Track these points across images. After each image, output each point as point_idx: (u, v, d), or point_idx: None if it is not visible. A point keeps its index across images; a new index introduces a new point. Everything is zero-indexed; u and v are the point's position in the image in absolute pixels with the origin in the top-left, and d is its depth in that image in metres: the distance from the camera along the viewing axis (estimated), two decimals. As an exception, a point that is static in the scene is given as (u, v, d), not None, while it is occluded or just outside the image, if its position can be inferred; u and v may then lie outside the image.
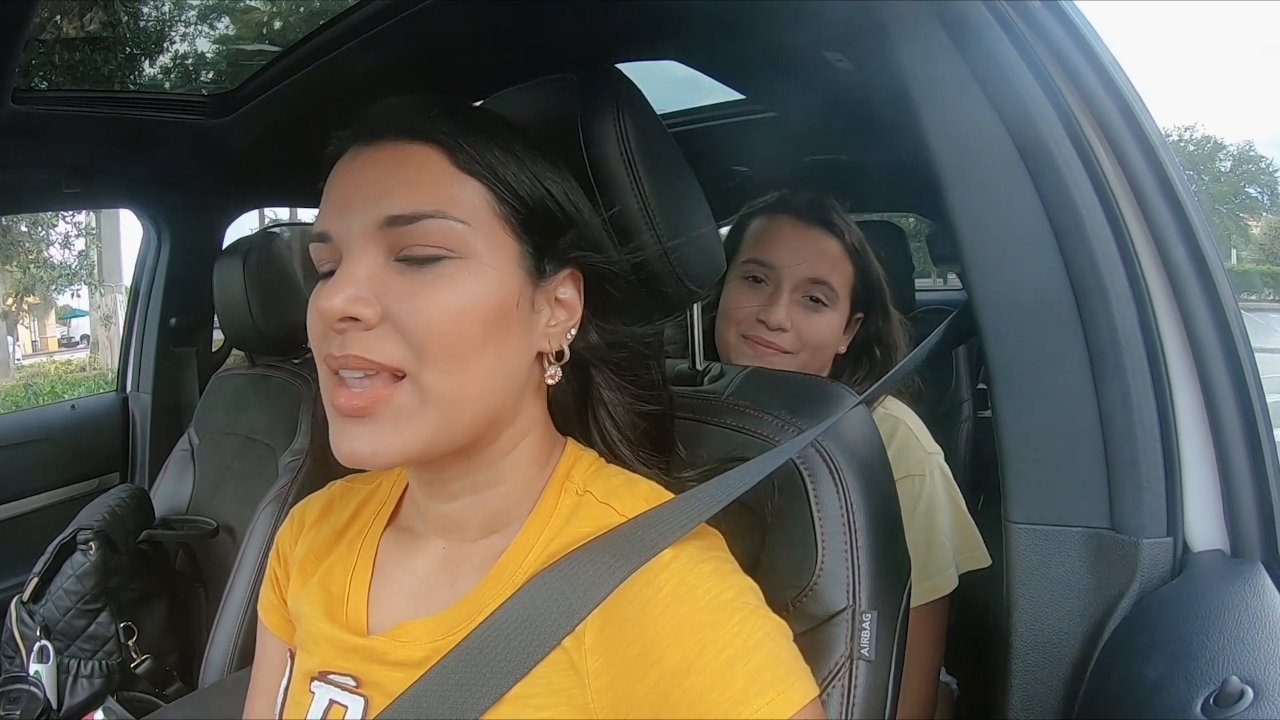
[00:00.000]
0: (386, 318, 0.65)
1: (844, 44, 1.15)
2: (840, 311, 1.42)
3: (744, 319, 1.41)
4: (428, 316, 0.65)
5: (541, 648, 0.65)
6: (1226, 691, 0.54)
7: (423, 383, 0.66)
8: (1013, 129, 0.74)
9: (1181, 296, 0.72)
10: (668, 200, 0.83)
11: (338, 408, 0.67)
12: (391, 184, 0.67)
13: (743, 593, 0.65)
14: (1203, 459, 0.72)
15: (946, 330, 0.90)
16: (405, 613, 0.75)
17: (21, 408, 7.74)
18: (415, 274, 0.66)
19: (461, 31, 1.25)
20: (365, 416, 0.66)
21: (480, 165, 0.69)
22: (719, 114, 2.05)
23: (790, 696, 0.60)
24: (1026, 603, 0.74)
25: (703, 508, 0.69)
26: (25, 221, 11.94)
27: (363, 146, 0.70)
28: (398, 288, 0.66)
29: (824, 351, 1.43)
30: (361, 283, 0.65)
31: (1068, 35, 0.73)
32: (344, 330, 0.65)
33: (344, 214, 0.68)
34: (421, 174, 0.68)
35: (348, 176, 0.70)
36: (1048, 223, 0.73)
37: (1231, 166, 22.27)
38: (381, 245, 0.67)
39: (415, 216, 0.66)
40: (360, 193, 0.68)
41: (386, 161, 0.69)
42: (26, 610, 1.68)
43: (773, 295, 1.39)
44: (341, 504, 0.88)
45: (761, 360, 1.38)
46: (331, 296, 0.64)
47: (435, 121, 0.70)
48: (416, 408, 0.66)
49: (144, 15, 2.84)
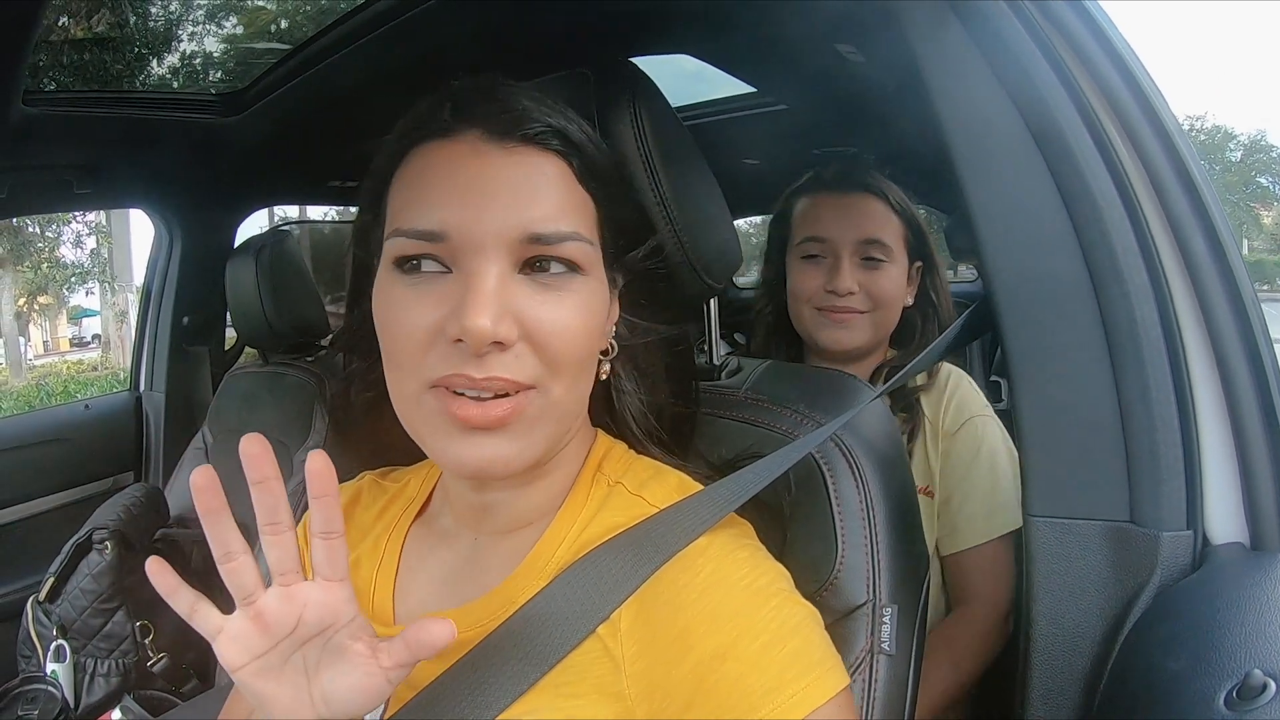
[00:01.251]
0: (522, 335, 0.65)
1: (855, 35, 1.15)
2: (899, 264, 1.49)
3: (813, 294, 1.49)
4: (564, 335, 0.66)
5: (572, 638, 0.65)
6: (1249, 684, 0.54)
7: (551, 395, 0.67)
8: (1029, 119, 0.73)
9: (1201, 288, 0.72)
10: (684, 194, 0.83)
11: (463, 419, 0.65)
12: (531, 195, 0.66)
13: (777, 579, 0.66)
14: (1222, 451, 0.72)
15: (964, 323, 0.90)
16: (430, 604, 0.76)
17: (34, 408, 7.78)
18: (546, 290, 0.66)
19: (474, 27, 1.25)
20: (499, 429, 0.65)
21: (595, 182, 0.70)
22: (730, 107, 2.05)
23: (824, 682, 0.60)
24: (1046, 596, 0.74)
25: (727, 501, 0.70)
26: (37, 221, 12.00)
27: (489, 143, 0.67)
28: (531, 304, 0.65)
29: (894, 306, 1.49)
30: (500, 300, 0.63)
31: (1083, 23, 0.73)
32: (487, 353, 0.63)
33: (472, 215, 0.65)
34: (559, 191, 0.67)
35: (472, 174, 0.66)
36: (1066, 215, 0.73)
37: (1242, 156, 22.12)
38: (510, 256, 0.65)
39: (560, 237, 0.65)
40: (494, 196, 0.65)
41: (521, 167, 0.67)
42: (43, 610, 1.69)
43: (833, 265, 1.47)
44: (369, 499, 0.88)
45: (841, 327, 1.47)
46: (479, 316, 0.61)
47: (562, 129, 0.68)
48: (540, 417, 0.67)
49: (152, 15, 2.84)
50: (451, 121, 0.68)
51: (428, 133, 0.69)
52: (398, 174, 0.70)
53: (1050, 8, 0.72)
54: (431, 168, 0.68)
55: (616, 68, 0.84)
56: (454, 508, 0.79)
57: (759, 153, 2.36)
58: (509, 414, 0.65)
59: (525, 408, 0.66)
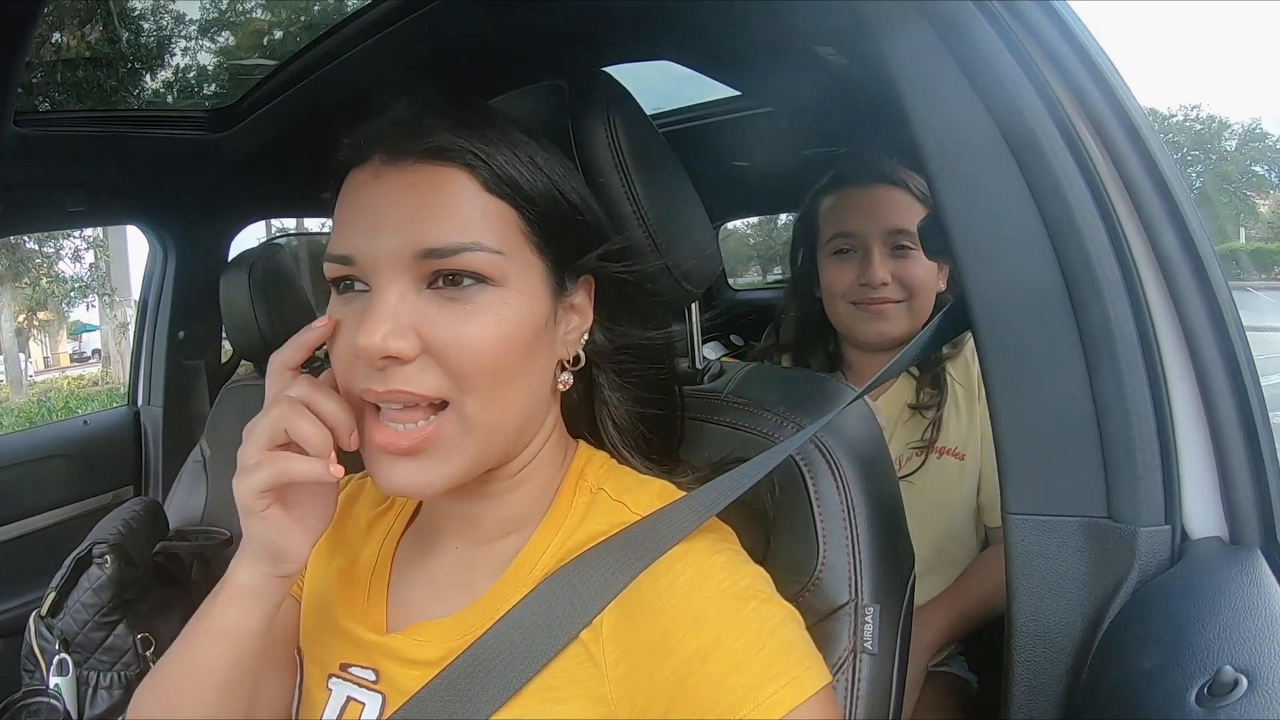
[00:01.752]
0: (425, 350, 0.65)
1: (834, 37, 1.15)
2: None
3: (847, 289, 1.52)
4: (469, 348, 0.66)
5: (556, 643, 0.66)
6: (1220, 681, 0.54)
7: (466, 412, 0.67)
8: (999, 119, 0.74)
9: (1173, 283, 0.72)
10: (661, 202, 0.84)
11: (381, 446, 0.67)
12: (423, 212, 0.66)
13: (756, 581, 0.67)
14: (1199, 446, 0.72)
15: (940, 323, 0.90)
16: (422, 613, 0.77)
17: (35, 424, 7.79)
18: (451, 304, 0.66)
19: (453, 41, 1.25)
20: (415, 455, 0.67)
21: (509, 188, 0.69)
22: (718, 110, 2.05)
23: (804, 681, 0.61)
24: (1026, 593, 0.74)
25: (709, 505, 0.71)
26: (35, 237, 12.01)
27: (387, 165, 0.69)
28: (435, 318, 0.66)
29: (928, 292, 1.52)
30: (399, 315, 0.65)
31: (1051, 23, 0.73)
32: (384, 366, 0.65)
33: (372, 239, 0.67)
34: (455, 202, 0.67)
35: (373, 197, 0.68)
36: (1038, 213, 0.73)
37: (1238, 145, 22.06)
38: (412, 274, 0.66)
39: (454, 249, 0.65)
40: (390, 217, 0.67)
41: (416, 185, 0.67)
42: (45, 624, 1.69)
43: (864, 258, 1.50)
44: (368, 499, 0.89)
45: (879, 319, 1.50)
46: (371, 334, 0.63)
47: (462, 140, 0.68)
48: (459, 437, 0.67)
49: (144, 31, 2.85)
50: (361, 148, 0.71)
51: (348, 162, 0.72)
52: (337, 201, 0.73)
53: (1018, 8, 0.73)
54: (346, 195, 0.71)
55: (591, 78, 0.85)
56: (441, 517, 0.80)
57: (748, 155, 2.37)
58: (422, 442, 0.67)
59: (441, 432, 0.67)
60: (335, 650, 0.79)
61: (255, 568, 0.70)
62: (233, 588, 0.71)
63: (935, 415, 1.50)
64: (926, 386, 1.51)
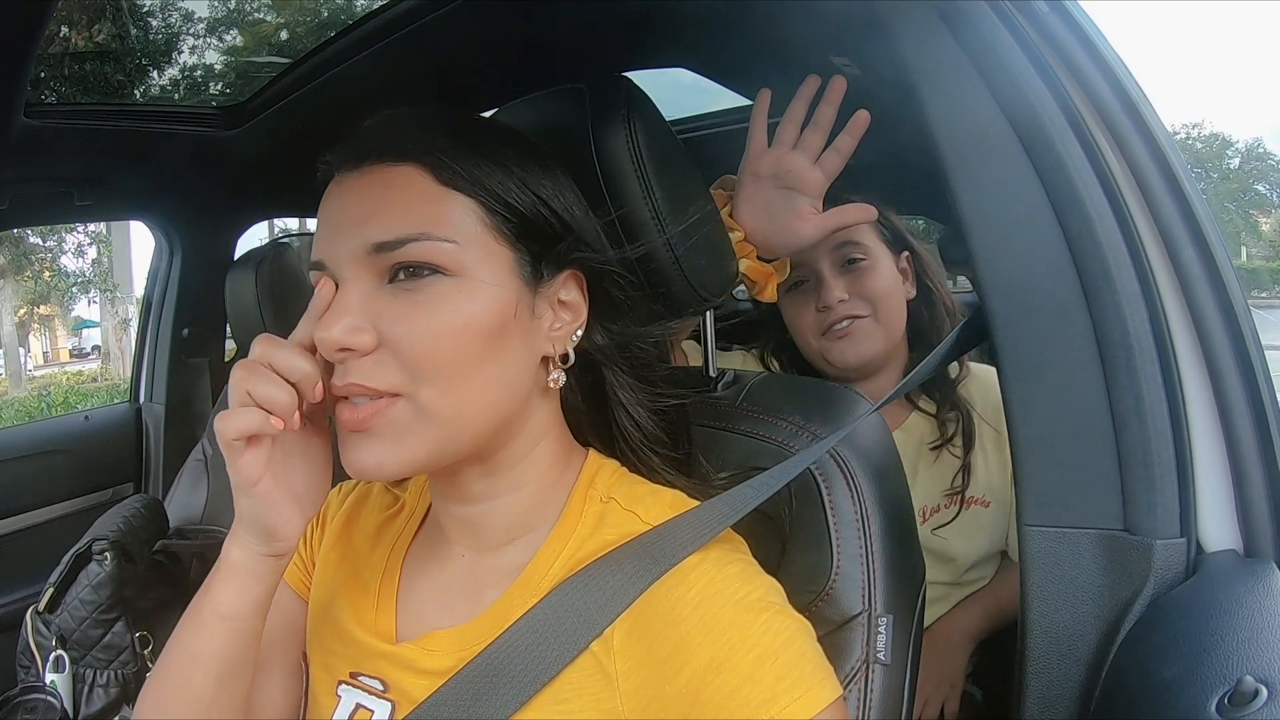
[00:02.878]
0: (382, 343, 0.66)
1: (850, 48, 1.15)
2: (884, 258, 1.45)
3: (811, 323, 1.45)
4: (423, 338, 0.66)
5: (566, 654, 0.66)
6: (1241, 691, 0.54)
7: (419, 401, 0.67)
8: (1020, 129, 0.74)
9: (1191, 297, 0.72)
10: (679, 208, 0.84)
11: (343, 423, 0.68)
12: (375, 209, 0.68)
13: (768, 593, 0.67)
14: (1215, 459, 0.72)
15: (959, 333, 0.90)
16: (433, 622, 0.76)
17: (35, 418, 7.78)
18: (407, 296, 0.67)
19: (471, 43, 1.25)
20: (366, 430, 0.67)
21: (465, 179, 0.69)
22: (727, 120, 2.05)
23: (816, 694, 0.61)
24: (1041, 605, 0.74)
25: (724, 515, 0.70)
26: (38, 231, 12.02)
27: (348, 171, 0.71)
28: (391, 311, 0.66)
29: (891, 301, 1.45)
30: (356, 311, 0.66)
31: (1071, 33, 0.74)
32: (343, 360, 0.66)
33: (333, 241, 0.69)
34: (404, 196, 0.68)
35: (335, 203, 0.71)
36: (1058, 225, 0.73)
37: (1240, 163, 22.16)
38: (372, 270, 0.67)
39: (400, 241, 0.66)
40: (347, 219, 0.69)
41: (371, 186, 0.69)
42: (42, 620, 1.69)
43: (818, 283, 1.43)
44: (378, 503, 0.89)
45: (850, 341, 1.42)
46: (329, 327, 0.65)
47: (416, 139, 0.70)
48: (413, 423, 0.67)
49: (153, 28, 2.85)
50: (334, 161, 0.73)
51: (325, 176, 0.74)
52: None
53: (1039, 18, 0.73)
54: (322, 205, 0.73)
55: (611, 82, 0.85)
56: (445, 524, 0.80)
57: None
58: (369, 416, 0.66)
59: (387, 411, 0.67)
60: (345, 657, 0.79)
61: (249, 545, 0.70)
62: (227, 568, 0.71)
63: (965, 459, 1.43)
64: (948, 412, 1.45)
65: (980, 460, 1.44)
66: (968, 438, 1.44)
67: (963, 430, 1.44)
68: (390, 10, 1.26)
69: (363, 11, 1.48)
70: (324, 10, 2.55)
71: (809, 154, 1.03)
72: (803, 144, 1.03)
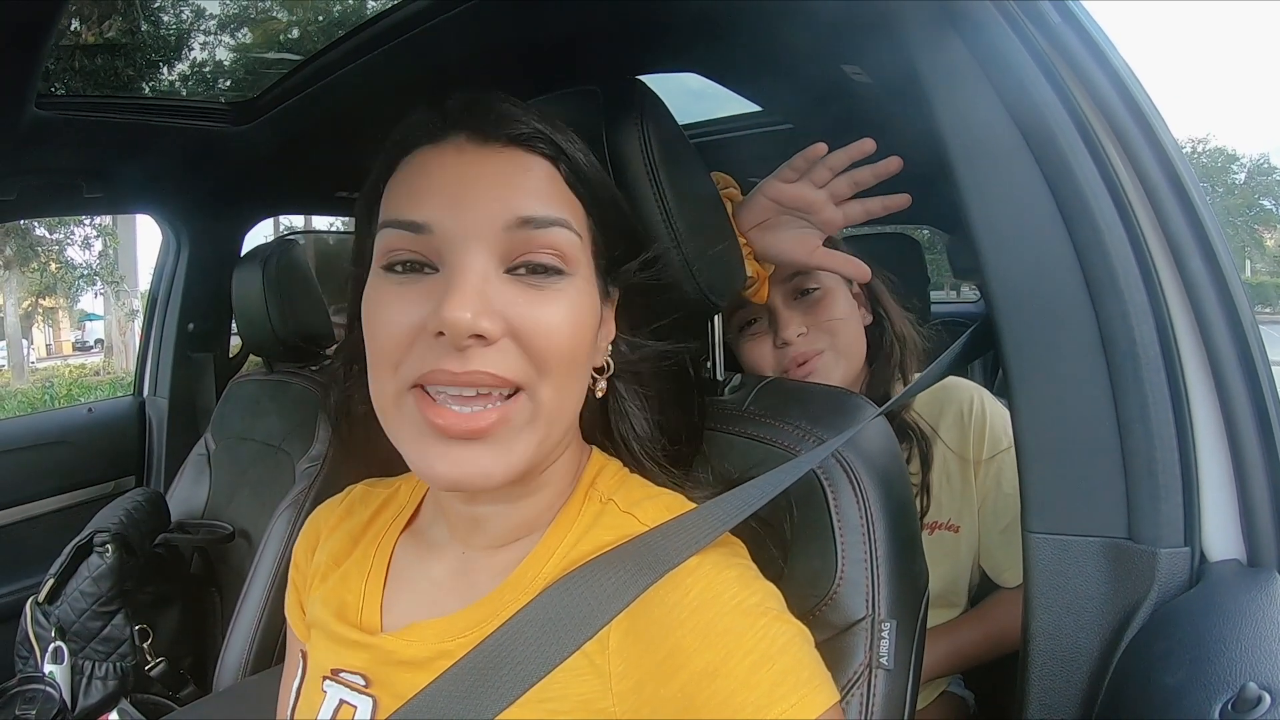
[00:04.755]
0: (507, 332, 0.64)
1: (862, 56, 1.16)
2: (838, 285, 1.38)
3: (770, 362, 1.38)
4: (552, 334, 0.65)
5: (561, 652, 0.64)
6: (1244, 697, 0.54)
7: (539, 397, 0.66)
8: (1030, 138, 0.74)
9: (1198, 307, 0.72)
10: (690, 212, 0.84)
11: (441, 429, 0.64)
12: (518, 187, 0.66)
13: (766, 598, 0.66)
14: (1220, 469, 0.72)
15: (966, 342, 0.91)
16: (418, 615, 0.76)
17: (38, 409, 7.79)
18: (532, 287, 0.65)
19: (482, 44, 1.26)
20: (481, 439, 0.64)
21: (583, 185, 0.70)
22: (733, 126, 2.06)
23: (813, 700, 0.60)
24: (1044, 612, 0.74)
25: (725, 517, 0.70)
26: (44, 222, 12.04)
27: (472, 144, 0.68)
28: (517, 300, 0.64)
29: (849, 330, 1.38)
30: (485, 295, 0.63)
31: (1081, 42, 0.74)
32: (468, 346, 0.62)
33: (457, 208, 0.65)
34: (543, 184, 0.67)
35: (459, 170, 0.66)
36: (1066, 235, 0.73)
37: (1245, 178, 22.13)
38: (497, 250, 0.64)
39: (549, 221, 0.65)
40: (479, 189, 0.65)
41: (507, 164, 0.67)
42: (42, 611, 1.69)
43: (772, 319, 1.36)
44: (361, 507, 0.88)
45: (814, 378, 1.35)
46: (459, 308, 0.60)
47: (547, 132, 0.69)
48: (526, 424, 0.66)
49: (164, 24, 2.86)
50: (440, 128, 0.69)
51: (416, 141, 0.70)
52: (389, 182, 0.70)
53: (1049, 27, 0.73)
54: (419, 170, 0.68)
55: (624, 85, 0.85)
56: (446, 520, 0.79)
57: (763, 172, 2.36)
58: (495, 424, 0.64)
59: (512, 416, 0.65)
60: (330, 653, 0.78)
61: None
62: None
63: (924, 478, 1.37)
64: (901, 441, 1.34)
65: (942, 484, 1.39)
66: (924, 459, 1.38)
67: (919, 451, 1.38)
68: (403, 10, 1.27)
69: (374, 11, 1.48)
70: (335, 9, 2.56)
71: (834, 198, 1.06)
72: (831, 188, 1.06)
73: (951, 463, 1.38)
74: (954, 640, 1.38)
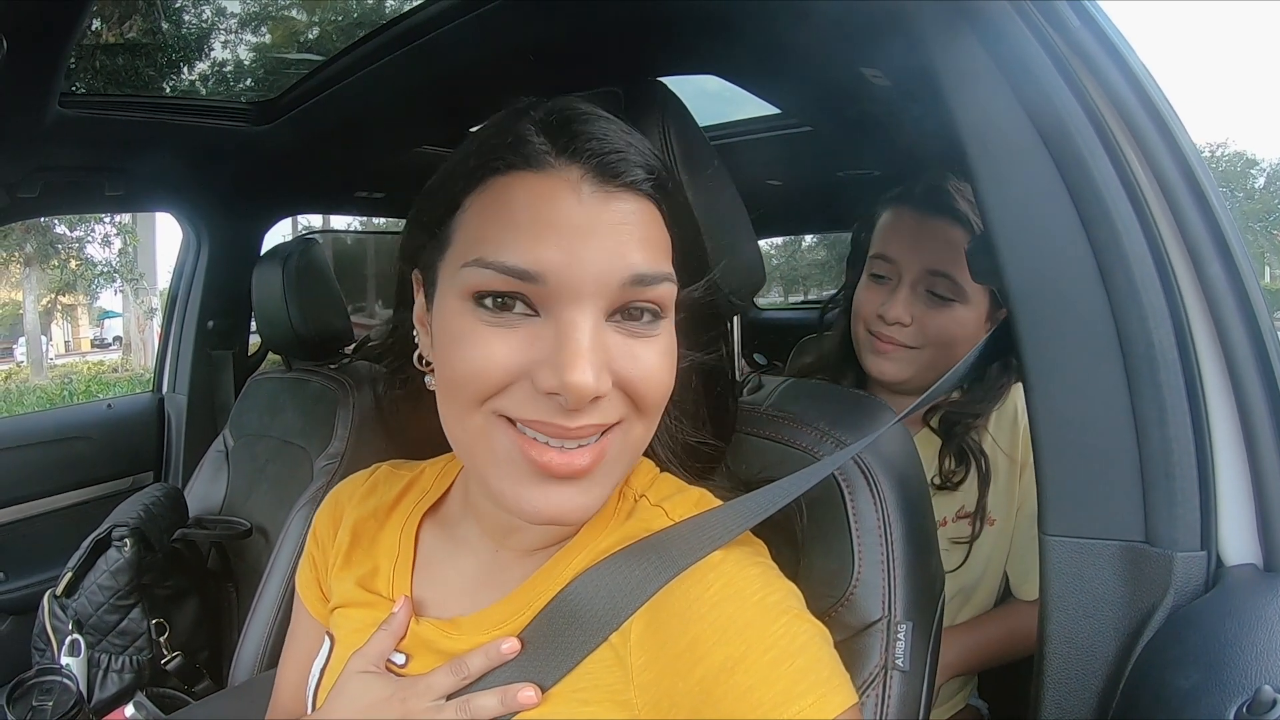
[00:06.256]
0: (616, 383, 0.64)
1: (881, 59, 1.16)
2: (975, 306, 1.34)
3: (868, 316, 1.38)
4: (653, 382, 0.66)
5: (589, 642, 0.66)
6: (1259, 700, 0.54)
7: (633, 433, 0.67)
8: (1048, 141, 0.74)
9: (1216, 310, 0.72)
10: (712, 213, 0.84)
11: (544, 467, 0.64)
12: (629, 238, 0.63)
13: (788, 596, 0.66)
14: (1237, 474, 0.72)
15: (985, 345, 0.91)
16: (450, 610, 0.77)
17: (56, 405, 7.85)
18: (634, 335, 0.65)
19: (502, 46, 1.26)
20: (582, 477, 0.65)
21: (676, 226, 0.69)
22: (753, 128, 2.06)
23: (831, 700, 0.60)
24: (1060, 614, 0.74)
25: (748, 515, 0.70)
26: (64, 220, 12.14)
27: (590, 184, 0.63)
28: (623, 353, 0.64)
29: (953, 348, 1.34)
30: (596, 351, 0.62)
31: (1099, 44, 0.74)
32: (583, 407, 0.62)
33: (574, 263, 0.61)
34: (653, 231, 0.66)
35: (577, 219, 0.62)
36: (1085, 238, 0.73)
37: (1265, 183, 21.94)
38: (604, 301, 0.63)
39: (657, 278, 0.64)
40: (597, 240, 0.62)
41: (620, 212, 0.64)
42: (59, 604, 1.71)
43: (894, 290, 1.36)
44: (385, 487, 0.89)
45: (883, 357, 1.36)
46: (582, 374, 0.60)
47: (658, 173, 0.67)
48: (618, 457, 0.67)
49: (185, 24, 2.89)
50: (548, 155, 0.64)
51: (514, 162, 0.65)
52: (473, 199, 0.66)
53: (1067, 29, 0.73)
54: (524, 203, 0.63)
55: (646, 86, 0.86)
56: (479, 521, 0.80)
57: (782, 174, 2.36)
58: (594, 463, 0.64)
59: (608, 450, 0.66)
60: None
61: None
62: None
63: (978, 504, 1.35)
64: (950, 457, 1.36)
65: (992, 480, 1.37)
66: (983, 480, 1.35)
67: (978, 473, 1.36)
68: (425, 10, 1.27)
69: (394, 12, 1.49)
70: (355, 10, 2.58)
71: None
72: None
73: (1000, 460, 1.37)
74: (975, 636, 1.37)
